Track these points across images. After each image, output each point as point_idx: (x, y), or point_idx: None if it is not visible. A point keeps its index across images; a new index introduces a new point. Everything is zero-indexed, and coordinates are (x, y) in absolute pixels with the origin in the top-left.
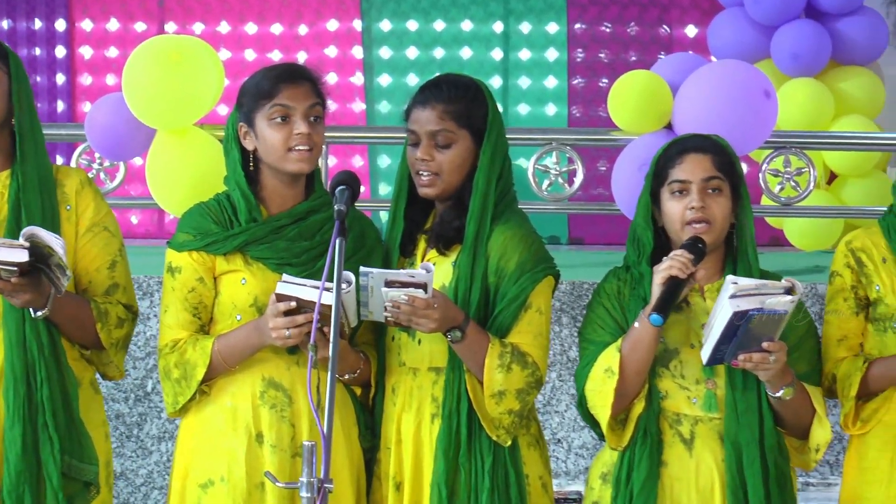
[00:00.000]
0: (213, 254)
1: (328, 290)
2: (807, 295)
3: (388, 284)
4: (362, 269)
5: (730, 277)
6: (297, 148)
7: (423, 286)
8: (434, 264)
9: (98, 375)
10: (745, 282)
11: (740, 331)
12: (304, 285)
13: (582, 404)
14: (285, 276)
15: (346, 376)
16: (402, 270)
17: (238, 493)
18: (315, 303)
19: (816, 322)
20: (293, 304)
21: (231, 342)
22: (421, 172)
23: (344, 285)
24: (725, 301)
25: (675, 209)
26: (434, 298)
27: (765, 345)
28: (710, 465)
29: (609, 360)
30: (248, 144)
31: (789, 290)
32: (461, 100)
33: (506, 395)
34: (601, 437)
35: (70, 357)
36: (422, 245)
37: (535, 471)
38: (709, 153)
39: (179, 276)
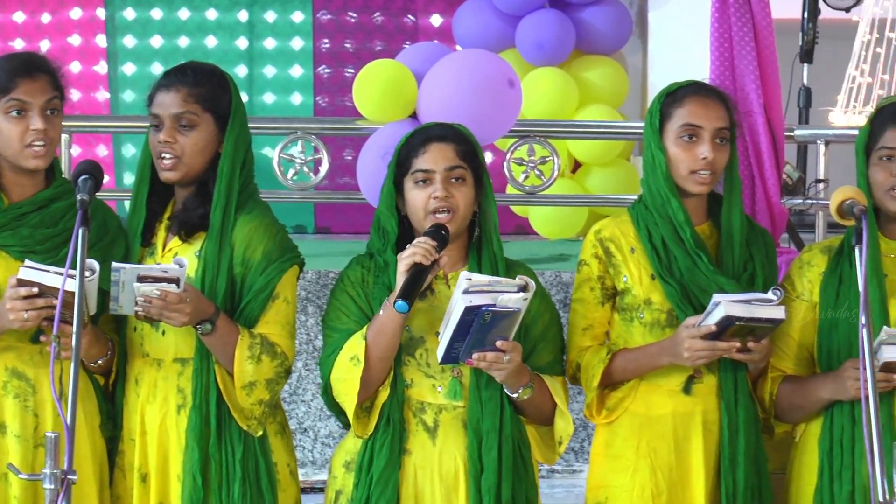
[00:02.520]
0: None
1: (71, 276)
2: (551, 283)
3: (141, 279)
4: (114, 264)
5: (464, 273)
6: (33, 144)
7: (176, 281)
8: (185, 259)
9: None
10: (479, 278)
11: (473, 327)
12: (47, 271)
13: (327, 392)
14: (27, 262)
15: (99, 361)
16: (154, 266)
17: None
18: (56, 289)
19: (561, 310)
20: (35, 289)
21: None
22: (163, 155)
23: (87, 273)
24: (459, 296)
25: (418, 198)
26: (186, 293)
27: (498, 344)
28: (453, 453)
29: (355, 348)
30: None
31: (523, 288)
32: (206, 84)
33: (256, 386)
34: (346, 425)
35: None
36: (161, 234)
37: (282, 459)
38: (451, 142)
39: None
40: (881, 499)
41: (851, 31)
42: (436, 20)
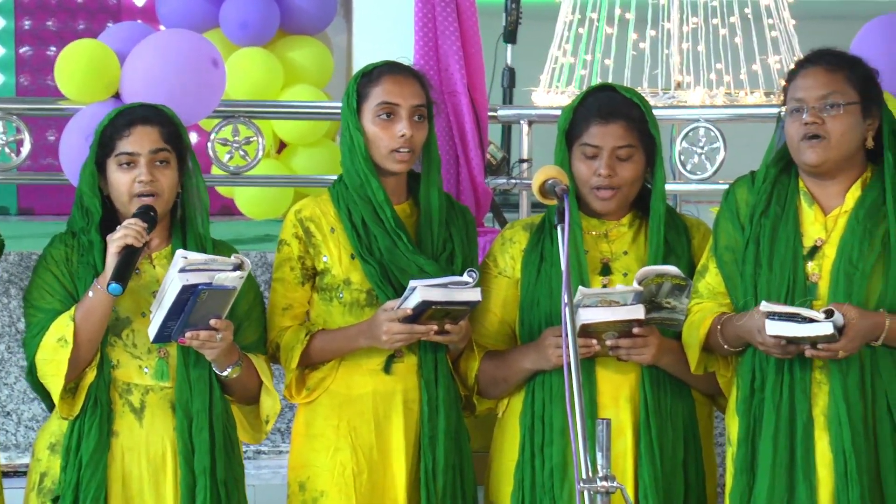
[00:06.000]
0: None
1: None
2: (257, 263)
3: None
4: None
5: (179, 252)
6: None
7: None
8: None
9: None
10: (195, 256)
11: (188, 306)
12: None
13: (32, 373)
14: None
15: None
16: None
17: None
18: None
19: (267, 291)
20: None
21: None
22: None
23: None
24: (174, 275)
25: (122, 181)
26: None
27: (212, 322)
28: (161, 433)
29: (62, 329)
30: None
31: (238, 267)
32: None
33: None
34: (50, 407)
35: None
36: None
37: None
38: (156, 125)
39: None
40: (585, 476)
41: (554, 11)
42: (139, 0)
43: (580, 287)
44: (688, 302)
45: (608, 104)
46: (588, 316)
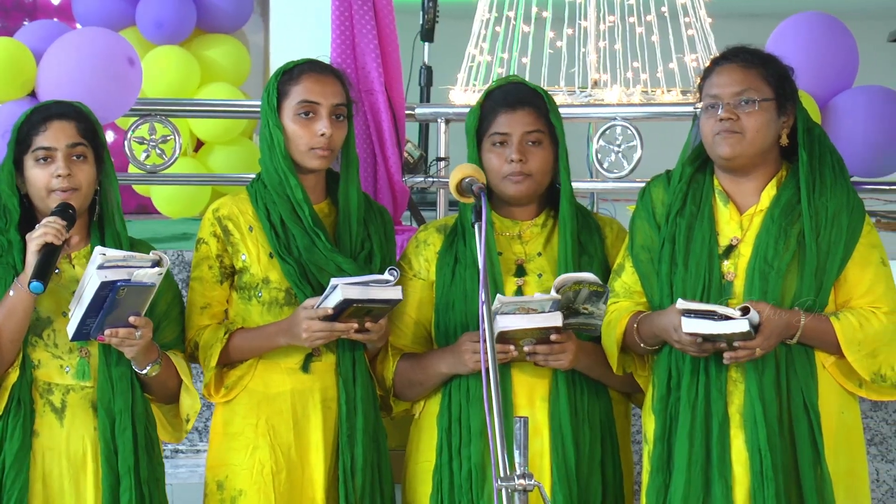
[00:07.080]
0: None
1: None
2: (175, 262)
3: None
4: None
5: (98, 248)
6: None
7: None
8: None
9: None
10: (113, 253)
11: (107, 303)
12: None
13: None
14: None
15: None
16: None
17: None
18: None
19: (185, 289)
20: None
21: None
22: None
23: None
24: (93, 271)
25: (40, 176)
26: None
27: (131, 319)
28: (81, 433)
29: None
30: None
31: (157, 263)
32: None
33: None
34: None
35: None
36: None
37: None
38: (72, 120)
39: None
40: (503, 474)
41: (471, 10)
42: None
43: (498, 295)
44: (605, 308)
45: (514, 93)
46: (506, 323)
